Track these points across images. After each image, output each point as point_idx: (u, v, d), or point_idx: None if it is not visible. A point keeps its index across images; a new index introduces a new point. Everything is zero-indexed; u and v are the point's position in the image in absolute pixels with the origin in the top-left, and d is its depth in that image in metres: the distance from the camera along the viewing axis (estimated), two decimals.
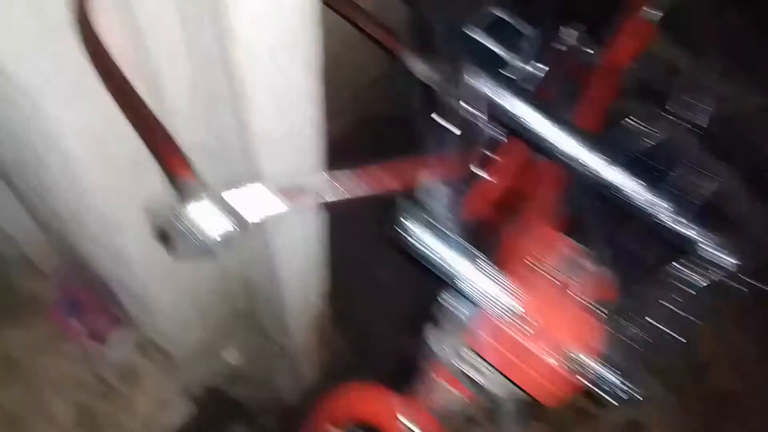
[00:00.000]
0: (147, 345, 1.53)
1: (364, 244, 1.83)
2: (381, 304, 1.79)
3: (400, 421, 0.82)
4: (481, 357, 0.61)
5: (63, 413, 1.46)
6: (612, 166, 0.67)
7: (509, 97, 0.72)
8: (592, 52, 1.25)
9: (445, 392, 0.78)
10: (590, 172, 0.68)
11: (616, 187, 0.67)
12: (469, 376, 0.71)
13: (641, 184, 0.66)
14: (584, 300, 0.59)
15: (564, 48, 1.21)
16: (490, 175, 0.77)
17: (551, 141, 0.70)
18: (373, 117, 1.81)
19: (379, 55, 0.89)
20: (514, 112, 0.70)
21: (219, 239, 0.49)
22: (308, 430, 0.93)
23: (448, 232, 0.55)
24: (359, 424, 0.88)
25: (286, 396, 1.63)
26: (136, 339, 1.53)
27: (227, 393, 1.59)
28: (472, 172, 0.62)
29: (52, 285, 1.57)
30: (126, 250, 1.01)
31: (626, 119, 1.04)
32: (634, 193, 0.66)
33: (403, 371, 1.09)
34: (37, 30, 0.62)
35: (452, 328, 0.66)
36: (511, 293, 0.56)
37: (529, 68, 0.79)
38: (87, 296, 1.51)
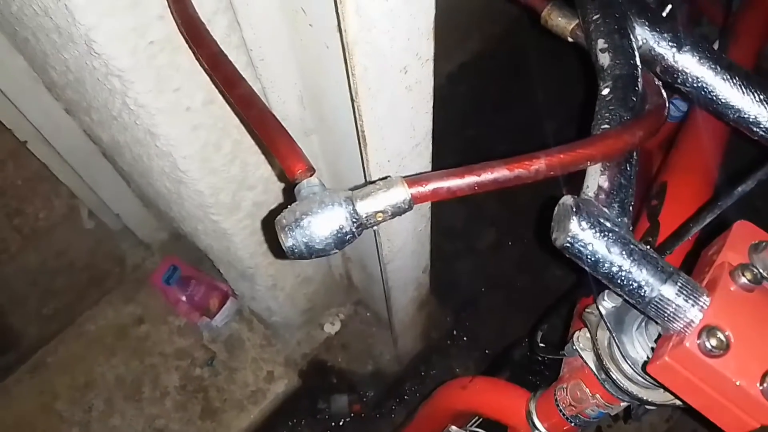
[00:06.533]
0: (251, 317, 1.54)
1: (468, 219, 1.75)
2: (488, 283, 1.71)
3: (531, 423, 0.74)
4: (647, 373, 0.51)
5: (169, 381, 1.51)
6: None
7: (669, 47, 0.59)
8: None
9: (583, 395, 0.69)
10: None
11: None
12: (617, 384, 0.61)
13: None
14: None
15: None
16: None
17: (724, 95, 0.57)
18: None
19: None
20: (678, 62, 0.57)
21: (336, 239, 0.42)
22: (426, 420, 0.87)
23: (622, 231, 0.44)
24: (481, 420, 0.81)
25: (386, 367, 1.60)
26: (240, 311, 1.54)
27: (329, 363, 1.58)
28: (634, 149, 0.50)
29: (158, 259, 1.60)
30: (222, 227, 0.98)
31: None
32: None
33: (513, 355, 1.00)
34: (134, 14, 0.58)
35: (610, 330, 0.56)
36: (697, 302, 0.45)
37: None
38: (191, 270, 1.53)
